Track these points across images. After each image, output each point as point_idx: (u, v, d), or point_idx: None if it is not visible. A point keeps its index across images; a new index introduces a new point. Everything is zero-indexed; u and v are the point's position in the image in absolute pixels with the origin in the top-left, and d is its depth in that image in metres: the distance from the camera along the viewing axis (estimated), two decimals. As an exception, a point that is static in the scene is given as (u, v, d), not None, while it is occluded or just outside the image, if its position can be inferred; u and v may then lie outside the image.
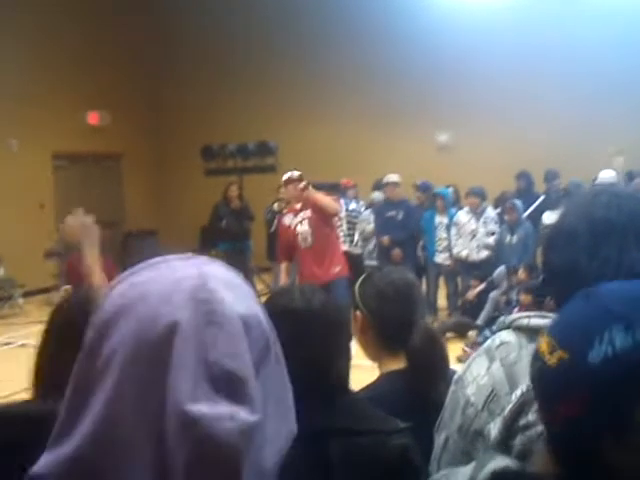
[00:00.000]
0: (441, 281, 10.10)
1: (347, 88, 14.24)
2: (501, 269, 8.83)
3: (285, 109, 14.66)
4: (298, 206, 7.29)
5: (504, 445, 1.35)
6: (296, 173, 7.43)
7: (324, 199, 7.15)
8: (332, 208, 7.16)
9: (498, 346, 1.45)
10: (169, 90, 15.68)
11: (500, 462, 1.03)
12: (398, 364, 2.05)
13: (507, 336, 1.45)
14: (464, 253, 9.46)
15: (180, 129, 15.46)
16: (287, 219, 7.46)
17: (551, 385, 0.95)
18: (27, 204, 12.54)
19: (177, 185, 15.57)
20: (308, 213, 7.22)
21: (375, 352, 2.12)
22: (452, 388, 1.51)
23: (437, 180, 10.98)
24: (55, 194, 13.45)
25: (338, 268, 7.08)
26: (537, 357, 0.97)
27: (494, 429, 1.36)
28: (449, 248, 9.70)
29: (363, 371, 2.17)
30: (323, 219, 7.13)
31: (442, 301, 10.33)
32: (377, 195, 10.46)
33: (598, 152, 11.65)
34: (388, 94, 13.93)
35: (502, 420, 1.35)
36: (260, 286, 10.86)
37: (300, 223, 7.23)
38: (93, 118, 14.39)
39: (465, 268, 9.60)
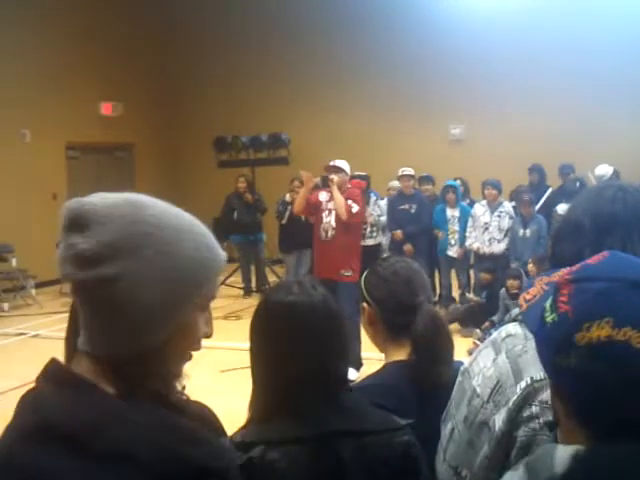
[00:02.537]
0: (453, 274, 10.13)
1: (361, 81, 14.23)
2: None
3: (298, 101, 14.67)
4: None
5: (508, 436, 1.37)
6: (339, 163, 7.36)
7: (338, 202, 7.01)
8: (341, 214, 7.01)
9: (504, 338, 1.47)
10: (182, 81, 15.72)
11: (567, 448, 1.03)
12: (403, 354, 2.07)
13: (513, 328, 1.48)
14: (475, 245, 9.45)
15: (193, 120, 15.50)
16: (323, 195, 7.31)
17: None
18: (40, 195, 12.62)
19: (190, 176, 15.62)
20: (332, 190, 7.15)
21: (383, 343, 2.13)
22: (459, 379, 1.53)
23: (450, 173, 10.98)
24: (68, 184, 13.52)
25: (350, 273, 6.88)
26: None
27: (499, 420, 1.38)
28: (461, 240, 9.71)
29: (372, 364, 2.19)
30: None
31: (456, 294, 10.37)
32: (394, 183, 10.47)
33: (611, 146, 11.63)
34: (401, 87, 13.91)
35: (507, 411, 1.37)
36: (272, 278, 10.91)
37: (329, 212, 7.14)
38: (106, 109, 14.44)
39: (477, 261, 9.61)
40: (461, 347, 7.02)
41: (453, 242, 9.83)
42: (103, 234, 1.12)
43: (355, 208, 7.17)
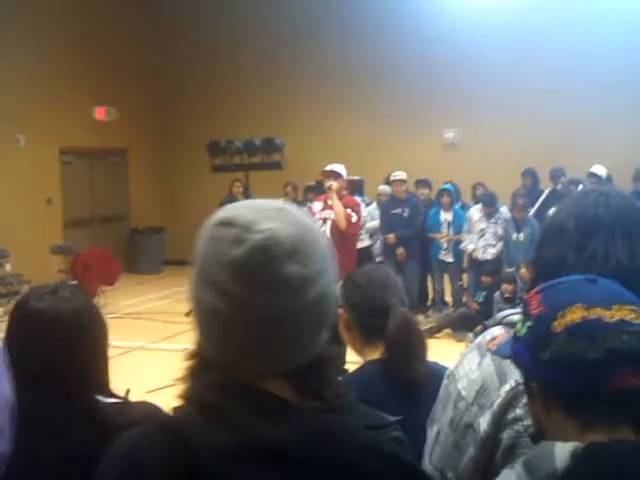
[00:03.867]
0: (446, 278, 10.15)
1: (354, 86, 14.26)
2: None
3: (292, 106, 14.69)
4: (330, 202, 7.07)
5: (493, 438, 1.39)
6: (337, 168, 7.29)
7: (337, 211, 6.94)
8: (340, 222, 6.95)
9: (489, 342, 1.48)
10: (176, 85, 15.71)
11: (566, 445, 1.07)
12: (378, 355, 2.14)
13: (498, 332, 1.49)
14: (470, 247, 9.48)
15: (187, 125, 15.49)
16: (317, 205, 7.26)
17: None
18: (34, 199, 12.61)
19: (184, 181, 15.61)
20: (332, 215, 7.06)
21: (359, 347, 2.22)
22: (444, 382, 1.55)
23: (444, 177, 11.01)
24: (62, 189, 13.52)
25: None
26: (626, 324, 1.08)
27: (483, 422, 1.39)
28: (454, 243, 9.75)
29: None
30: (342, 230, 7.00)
31: (448, 298, 10.38)
32: (384, 188, 10.50)
33: (605, 149, 11.68)
34: (395, 91, 13.95)
35: (491, 414, 1.38)
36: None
37: (324, 222, 7.03)
38: (99, 113, 14.44)
39: (471, 265, 9.64)
40: (455, 351, 7.03)
41: (445, 246, 9.86)
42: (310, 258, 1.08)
43: (354, 217, 7.15)
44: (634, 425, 1.09)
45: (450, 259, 9.86)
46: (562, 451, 1.05)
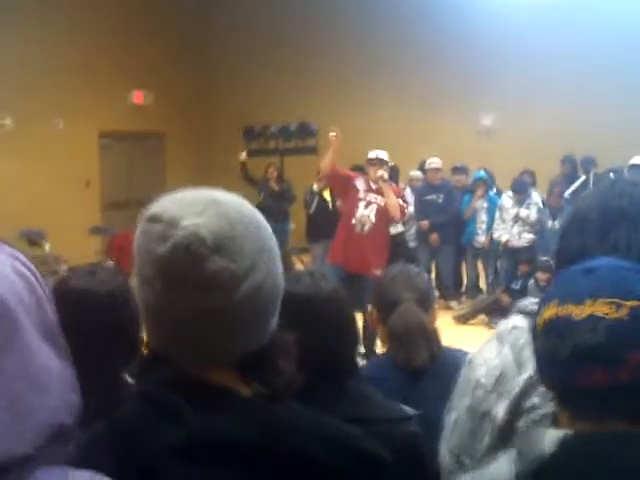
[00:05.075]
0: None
1: (391, 69, 14.16)
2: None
3: (327, 91, 14.61)
4: (379, 183, 6.94)
5: (510, 426, 1.39)
6: (382, 155, 7.18)
7: (392, 202, 6.84)
8: (395, 214, 6.88)
9: (510, 330, 1.49)
10: (212, 70, 15.76)
11: (557, 431, 1.10)
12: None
13: (519, 321, 1.50)
14: (504, 238, 9.40)
15: (223, 110, 15.52)
16: (361, 183, 7.07)
17: (627, 336, 1.05)
18: (72, 181, 12.77)
19: (219, 165, 15.65)
20: (380, 201, 6.96)
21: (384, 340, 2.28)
22: (463, 370, 1.55)
23: (480, 164, 10.92)
24: (101, 172, 13.69)
25: (378, 272, 6.34)
26: (596, 321, 1.06)
27: (500, 410, 1.40)
28: (488, 231, 9.68)
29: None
30: (389, 217, 6.95)
31: (483, 284, 10.33)
32: (416, 173, 10.45)
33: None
34: (432, 76, 13.82)
35: (508, 402, 1.39)
36: (299, 267, 10.95)
37: (368, 204, 6.94)
38: (138, 97, 14.56)
39: (506, 252, 9.56)
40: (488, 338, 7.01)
41: (480, 232, 9.80)
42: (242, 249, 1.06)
43: (405, 207, 7.14)
44: (617, 418, 1.08)
45: (485, 245, 9.79)
46: (551, 437, 1.08)
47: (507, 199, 9.49)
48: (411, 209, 9.99)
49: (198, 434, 1.00)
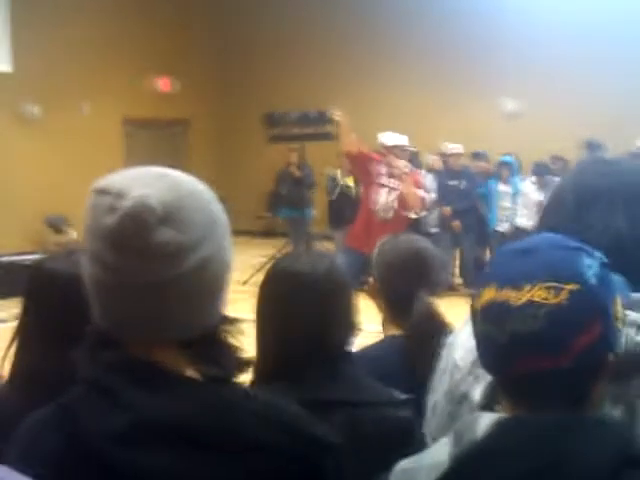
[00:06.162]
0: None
1: (411, 54, 14.05)
2: None
3: (347, 76, 14.56)
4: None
5: (488, 409, 1.37)
6: (403, 141, 7.13)
7: (413, 196, 6.85)
8: (415, 205, 6.91)
9: None
10: (237, 58, 15.78)
11: (491, 415, 1.09)
12: (399, 332, 2.12)
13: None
14: (530, 224, 9.31)
15: (245, 96, 15.55)
16: (383, 168, 7.05)
17: (568, 321, 1.02)
18: (97, 167, 12.76)
19: (244, 152, 15.72)
20: (402, 187, 6.94)
21: (383, 319, 2.18)
22: (443, 352, 1.53)
23: (503, 148, 10.82)
24: (125, 159, 13.77)
25: None
26: (535, 307, 1.03)
27: (477, 393, 1.38)
28: (512, 217, 9.59)
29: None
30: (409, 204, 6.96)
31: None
32: (432, 158, 10.36)
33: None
34: (453, 59, 13.67)
35: (485, 385, 1.36)
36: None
37: (389, 191, 6.95)
38: (164, 84, 14.62)
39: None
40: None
41: (503, 219, 9.72)
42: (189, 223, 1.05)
43: (426, 197, 7.12)
44: (555, 403, 1.06)
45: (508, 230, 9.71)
46: (485, 422, 1.06)
47: (529, 185, 9.40)
48: (432, 195, 9.95)
49: (142, 418, 0.99)
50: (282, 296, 1.73)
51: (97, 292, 1.06)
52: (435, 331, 2.00)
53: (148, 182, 1.04)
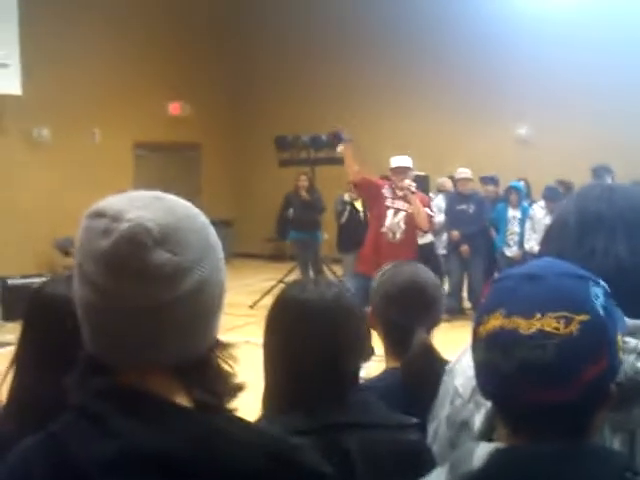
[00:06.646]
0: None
1: (424, 79, 14.12)
2: None
3: (359, 101, 14.63)
4: (404, 194, 6.95)
5: (487, 437, 1.36)
6: (405, 162, 7.16)
7: (420, 213, 6.84)
8: (422, 224, 6.89)
9: None
10: (247, 81, 15.89)
11: (488, 445, 1.08)
12: (398, 364, 2.10)
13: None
14: (537, 249, 9.28)
15: (256, 119, 15.64)
16: (388, 191, 7.07)
17: (578, 353, 1.01)
18: (106, 190, 12.76)
19: (254, 175, 15.78)
20: (408, 208, 6.92)
21: (383, 348, 2.17)
22: (444, 378, 1.52)
23: (515, 174, 10.83)
24: (135, 183, 13.83)
25: None
26: (545, 337, 1.01)
27: (478, 420, 1.37)
28: (521, 242, 9.56)
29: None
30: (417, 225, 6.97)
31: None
32: (444, 180, 10.39)
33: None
34: (466, 85, 13.74)
35: (485, 412, 1.35)
36: (329, 277, 10.93)
37: (396, 213, 6.96)
38: (175, 108, 14.72)
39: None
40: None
41: (512, 243, 9.69)
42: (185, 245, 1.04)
43: (433, 216, 7.11)
44: (555, 435, 1.04)
45: (517, 256, 9.67)
46: (482, 451, 1.05)
47: (539, 209, 9.38)
48: (442, 217, 9.94)
49: (131, 448, 0.97)
50: (291, 326, 1.72)
51: (88, 316, 1.04)
52: (431, 368, 1.98)
53: (144, 205, 1.04)
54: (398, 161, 7.24)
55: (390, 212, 6.96)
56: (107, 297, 1.00)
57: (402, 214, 6.93)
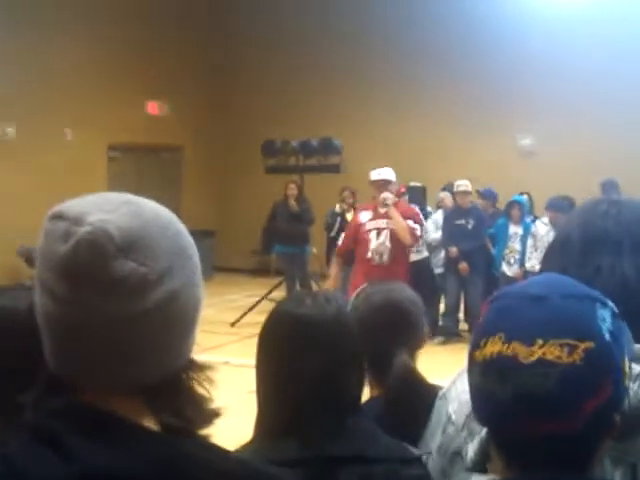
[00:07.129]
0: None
1: (423, 86, 14.18)
2: None
3: (353, 106, 14.66)
4: (382, 210, 6.98)
5: (481, 467, 1.35)
6: (385, 174, 7.15)
7: (400, 226, 6.85)
8: (404, 238, 6.88)
9: None
10: (232, 79, 15.88)
11: (482, 478, 1.10)
12: (380, 390, 2.09)
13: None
14: (538, 268, 9.29)
15: (242, 123, 15.62)
16: (365, 215, 7.13)
17: (580, 383, 1.00)
18: (75, 194, 12.84)
19: (239, 182, 15.73)
20: (390, 224, 6.93)
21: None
22: (436, 404, 1.52)
23: (518, 186, 10.88)
24: (109, 187, 13.79)
25: None
26: (546, 366, 1.00)
27: (471, 450, 1.36)
28: (522, 260, 9.57)
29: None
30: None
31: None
32: (444, 194, 10.37)
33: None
34: (465, 93, 13.82)
35: (479, 441, 1.35)
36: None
37: (379, 233, 6.96)
38: (153, 108, 14.70)
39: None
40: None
41: (512, 261, 9.69)
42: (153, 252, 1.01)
43: (418, 229, 7.08)
44: (551, 466, 1.04)
45: (518, 275, 9.68)
46: None
47: (541, 226, 9.39)
48: (439, 233, 9.93)
49: (86, 471, 0.95)
50: (286, 344, 1.68)
51: (48, 327, 1.01)
52: (415, 394, 1.96)
53: (110, 209, 1.00)
54: (378, 174, 7.20)
55: (373, 234, 6.98)
56: (65, 307, 0.97)
57: (385, 232, 6.93)
